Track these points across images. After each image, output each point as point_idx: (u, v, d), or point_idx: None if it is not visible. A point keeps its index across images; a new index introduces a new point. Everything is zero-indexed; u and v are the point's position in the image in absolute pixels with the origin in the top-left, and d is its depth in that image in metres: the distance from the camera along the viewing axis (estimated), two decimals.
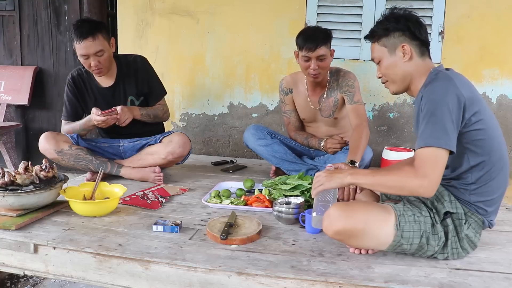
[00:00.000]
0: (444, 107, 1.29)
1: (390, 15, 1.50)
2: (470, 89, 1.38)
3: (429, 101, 1.33)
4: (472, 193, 1.40)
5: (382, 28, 1.49)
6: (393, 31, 1.46)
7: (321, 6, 2.99)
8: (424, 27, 1.48)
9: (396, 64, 1.48)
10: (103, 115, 2.16)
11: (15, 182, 1.71)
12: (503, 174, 1.42)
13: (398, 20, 1.46)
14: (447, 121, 1.28)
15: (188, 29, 3.22)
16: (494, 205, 1.44)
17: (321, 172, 1.51)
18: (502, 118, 2.90)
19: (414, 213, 1.39)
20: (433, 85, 1.36)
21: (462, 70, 2.82)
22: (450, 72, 1.43)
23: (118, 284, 1.46)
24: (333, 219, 1.37)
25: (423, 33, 1.47)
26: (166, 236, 1.59)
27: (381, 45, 1.50)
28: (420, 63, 1.47)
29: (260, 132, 2.44)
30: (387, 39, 1.48)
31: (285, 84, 2.54)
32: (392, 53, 1.48)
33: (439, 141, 1.28)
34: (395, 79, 1.51)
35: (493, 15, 2.81)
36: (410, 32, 1.45)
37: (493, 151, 1.38)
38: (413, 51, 1.46)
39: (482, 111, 1.36)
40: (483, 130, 1.35)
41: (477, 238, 1.43)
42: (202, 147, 3.36)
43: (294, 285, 1.32)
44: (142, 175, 2.34)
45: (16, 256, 1.55)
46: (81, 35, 2.13)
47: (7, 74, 3.65)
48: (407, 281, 1.28)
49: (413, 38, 1.46)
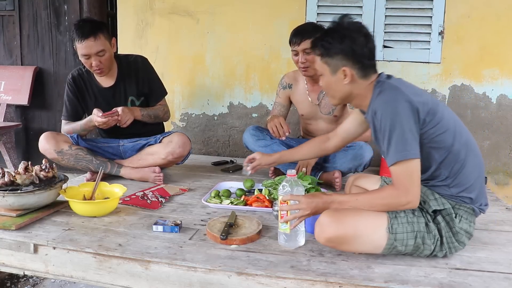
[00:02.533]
0: (399, 119, 1.32)
1: (338, 27, 1.44)
2: (416, 92, 1.40)
3: (383, 117, 1.35)
4: (451, 186, 1.41)
5: (325, 46, 1.44)
6: (335, 53, 1.43)
7: (321, 6, 3.00)
8: (371, 42, 1.44)
9: (337, 84, 1.47)
10: (104, 116, 2.16)
11: (15, 182, 1.71)
12: (473, 157, 1.43)
13: (343, 39, 1.41)
14: (405, 132, 1.31)
15: (188, 29, 3.22)
16: (475, 190, 1.43)
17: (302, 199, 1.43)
18: (502, 118, 2.90)
19: (407, 214, 1.39)
20: (382, 99, 1.38)
21: (462, 70, 2.88)
22: (393, 80, 1.44)
23: (118, 284, 1.46)
24: (324, 226, 1.37)
25: (367, 57, 1.44)
26: (166, 236, 1.59)
27: (323, 62, 1.47)
28: (362, 83, 1.46)
29: (259, 133, 2.44)
30: (329, 59, 1.45)
31: (286, 79, 2.57)
32: (333, 73, 1.46)
33: (405, 154, 1.31)
34: (334, 95, 1.52)
35: (493, 15, 2.81)
36: (353, 55, 1.41)
37: (454, 141, 1.39)
38: (354, 74, 1.44)
39: (434, 108, 1.38)
40: (439, 125, 1.37)
41: (471, 227, 1.43)
42: (202, 147, 3.36)
43: (294, 285, 1.32)
44: (142, 175, 2.34)
45: (16, 256, 1.55)
46: (82, 34, 2.13)
47: (7, 74, 3.65)
48: (407, 281, 1.28)
49: (356, 62, 1.42)
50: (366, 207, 1.39)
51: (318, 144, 1.86)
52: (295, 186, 1.48)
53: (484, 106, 2.92)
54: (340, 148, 1.86)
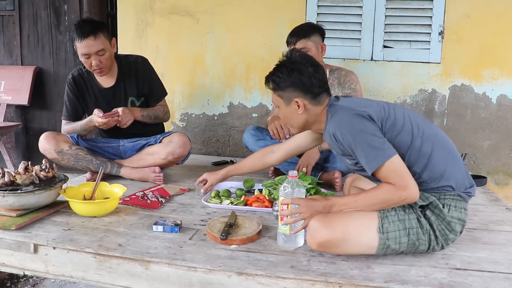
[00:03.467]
0: (358, 131, 1.37)
1: (286, 62, 1.51)
2: (364, 104, 1.45)
3: (343, 135, 1.39)
4: (427, 180, 1.42)
5: (275, 82, 1.52)
6: (285, 87, 1.50)
7: (321, 6, 3.00)
8: (319, 72, 1.50)
9: (292, 114, 1.54)
10: (104, 117, 2.16)
11: (15, 182, 1.71)
12: (440, 145, 1.44)
13: (291, 73, 1.48)
14: (368, 139, 1.35)
15: (188, 29, 3.22)
16: (453, 176, 1.43)
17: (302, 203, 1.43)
18: (502, 118, 2.91)
19: (397, 212, 1.40)
20: (335, 120, 1.43)
21: (462, 70, 2.88)
22: (341, 101, 1.50)
23: (118, 284, 1.46)
24: (313, 232, 1.38)
25: (317, 85, 1.48)
26: (166, 236, 1.59)
27: (277, 95, 1.55)
28: (317, 110, 1.52)
29: (259, 133, 2.45)
30: (281, 92, 1.52)
31: None
32: (287, 105, 1.53)
33: (379, 159, 1.34)
34: (293, 125, 1.59)
35: (493, 15, 2.81)
36: (302, 86, 1.48)
37: (413, 138, 1.41)
38: (306, 103, 1.50)
39: (385, 113, 1.42)
40: (395, 127, 1.41)
41: (463, 214, 1.43)
42: (202, 147, 3.36)
43: (294, 285, 1.32)
44: (142, 175, 2.34)
45: (16, 256, 1.55)
46: (82, 34, 2.13)
47: (7, 74, 3.65)
48: (407, 281, 1.28)
49: (306, 92, 1.49)
50: (366, 207, 1.40)
51: (260, 157, 1.93)
52: (296, 187, 1.48)
53: (484, 106, 2.92)
54: (283, 161, 1.92)
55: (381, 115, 1.41)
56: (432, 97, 2.95)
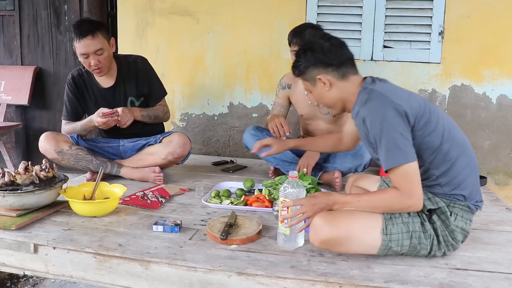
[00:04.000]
0: (388, 125, 1.33)
1: (300, 52, 1.53)
2: (403, 96, 1.41)
3: (372, 124, 1.36)
4: (443, 185, 1.42)
5: (297, 68, 1.54)
6: (305, 68, 1.51)
7: (321, 6, 3.00)
8: (337, 45, 1.49)
9: (322, 93, 1.52)
10: (104, 117, 2.16)
11: (15, 182, 1.71)
12: (465, 154, 1.43)
13: (306, 55, 1.50)
14: (396, 137, 1.33)
15: (188, 29, 3.22)
16: (468, 187, 1.43)
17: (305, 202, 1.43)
18: (502, 118, 2.90)
19: (401, 215, 1.39)
20: (369, 106, 1.39)
21: (462, 70, 2.88)
22: (378, 86, 1.44)
23: (118, 284, 1.46)
24: (317, 229, 1.37)
25: (334, 56, 1.47)
26: (166, 236, 1.59)
27: (304, 80, 1.56)
28: (344, 85, 1.49)
29: (259, 133, 2.44)
30: (305, 76, 1.53)
31: (286, 79, 2.57)
32: (314, 86, 1.52)
33: (398, 160, 1.32)
34: (329, 104, 1.57)
35: (493, 15, 2.81)
36: (320, 63, 1.47)
37: (443, 140, 1.39)
38: (330, 77, 1.48)
39: (422, 110, 1.39)
40: (428, 126, 1.38)
41: (468, 225, 1.43)
42: (202, 147, 3.36)
43: (294, 285, 1.32)
44: (142, 175, 2.34)
45: (16, 256, 1.55)
46: (80, 33, 2.13)
47: (7, 74, 3.65)
48: (407, 281, 1.28)
49: (326, 66, 1.47)
50: (368, 209, 1.40)
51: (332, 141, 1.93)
52: (296, 187, 1.48)
53: (484, 106, 2.92)
54: (352, 149, 1.92)
55: (417, 111, 1.37)
56: (432, 97, 2.95)
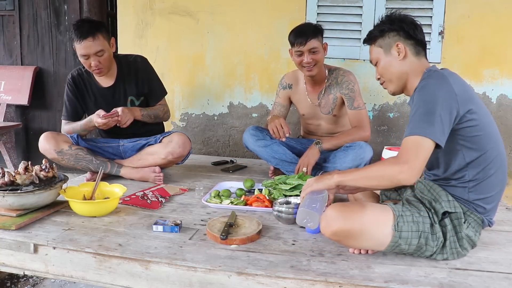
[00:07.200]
0: (434, 100, 1.31)
1: (386, 18, 1.56)
2: (463, 87, 1.39)
3: (420, 95, 1.36)
4: (470, 190, 1.41)
5: (378, 30, 1.55)
6: (388, 31, 1.53)
7: (321, 6, 3.00)
8: (420, 28, 1.52)
9: (392, 63, 1.52)
10: (104, 117, 2.16)
11: (15, 182, 1.71)
12: (502, 171, 1.43)
13: (393, 21, 1.52)
14: (435, 113, 1.30)
15: (188, 29, 3.22)
16: (493, 203, 1.44)
17: (307, 181, 1.53)
18: (502, 118, 2.90)
19: (412, 213, 1.39)
20: (426, 82, 1.39)
21: (462, 70, 2.88)
22: (444, 71, 1.44)
23: (118, 284, 1.46)
24: (330, 220, 1.37)
25: (418, 33, 1.51)
26: (166, 236, 1.59)
27: (377, 46, 1.56)
28: (415, 62, 1.51)
29: (259, 133, 2.44)
30: (382, 40, 1.54)
31: (286, 79, 2.58)
32: (387, 53, 1.53)
33: (424, 130, 1.29)
34: (392, 78, 1.55)
35: (493, 15, 2.81)
36: (404, 32, 1.50)
37: (489, 147, 1.38)
38: (407, 49, 1.50)
39: (477, 109, 1.37)
40: (478, 127, 1.36)
41: (476, 237, 1.43)
42: (202, 147, 3.36)
43: (294, 285, 1.32)
44: (142, 175, 2.34)
45: (16, 256, 1.55)
46: (81, 35, 2.13)
47: (7, 74, 3.65)
48: (407, 281, 1.27)
49: (408, 37, 1.50)
50: (363, 178, 1.40)
51: None
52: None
53: None
54: None
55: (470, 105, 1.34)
56: None
